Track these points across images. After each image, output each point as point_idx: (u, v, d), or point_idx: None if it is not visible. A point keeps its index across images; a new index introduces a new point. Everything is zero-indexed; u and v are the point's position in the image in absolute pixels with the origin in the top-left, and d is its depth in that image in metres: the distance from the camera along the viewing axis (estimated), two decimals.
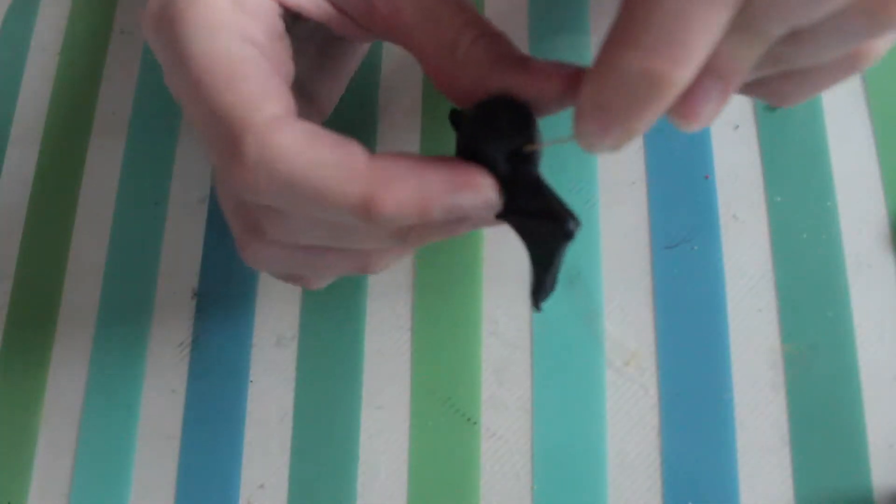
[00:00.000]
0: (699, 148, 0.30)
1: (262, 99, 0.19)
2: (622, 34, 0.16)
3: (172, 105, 0.33)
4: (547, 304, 0.28)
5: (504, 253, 0.29)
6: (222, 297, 0.30)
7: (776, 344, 0.27)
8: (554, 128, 0.22)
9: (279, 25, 0.21)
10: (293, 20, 0.22)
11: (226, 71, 0.19)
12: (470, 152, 0.19)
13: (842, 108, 0.30)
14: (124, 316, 0.31)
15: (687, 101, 0.17)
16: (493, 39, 0.20)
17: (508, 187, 0.19)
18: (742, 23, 0.16)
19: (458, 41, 0.20)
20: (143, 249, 0.31)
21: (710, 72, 0.17)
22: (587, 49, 0.31)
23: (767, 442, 0.26)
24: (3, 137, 0.34)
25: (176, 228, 0.32)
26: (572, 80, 0.19)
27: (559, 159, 0.30)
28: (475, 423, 0.28)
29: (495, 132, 0.19)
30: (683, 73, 0.15)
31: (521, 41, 0.32)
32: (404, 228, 0.20)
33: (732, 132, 0.30)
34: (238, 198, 0.21)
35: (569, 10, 0.32)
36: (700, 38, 0.15)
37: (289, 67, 0.22)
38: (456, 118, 0.22)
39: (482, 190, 0.18)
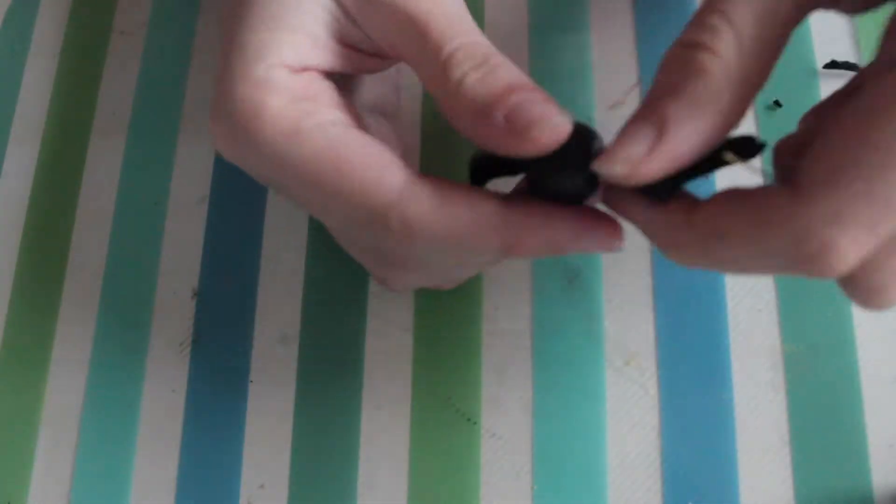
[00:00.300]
0: None
1: (379, 176, 0.19)
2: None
3: (172, 105, 0.33)
4: (547, 304, 0.29)
5: None
6: (222, 297, 0.30)
7: (776, 344, 0.27)
8: None
9: (332, 88, 0.22)
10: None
11: (331, 168, 0.19)
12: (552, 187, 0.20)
13: None
14: (124, 316, 0.31)
15: None
16: (480, 75, 0.19)
17: None
18: None
19: (447, 81, 0.20)
20: (143, 249, 0.31)
21: None
22: (587, 48, 0.31)
23: (767, 442, 0.26)
24: (3, 137, 0.34)
25: (176, 228, 0.32)
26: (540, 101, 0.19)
27: None
28: (475, 423, 0.28)
29: (569, 172, 0.19)
30: None
31: (522, 41, 0.32)
32: None
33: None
34: (379, 248, 0.22)
35: (569, 9, 0.32)
36: None
37: (357, 117, 0.22)
38: (476, 165, 0.22)
39: (605, 238, 0.20)
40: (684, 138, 0.18)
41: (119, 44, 0.35)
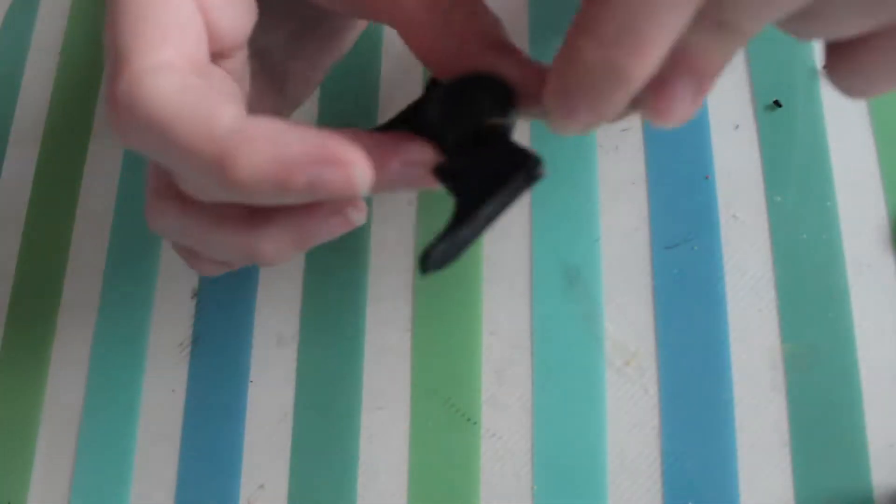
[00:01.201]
0: (699, 148, 0.30)
1: (159, 44, 0.17)
2: (583, 23, 0.15)
3: None
4: (547, 304, 0.29)
5: (504, 253, 0.29)
6: (222, 297, 0.30)
7: (776, 344, 0.27)
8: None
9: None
10: None
11: (137, 11, 0.18)
12: (427, 120, 0.19)
13: (842, 108, 0.30)
14: (124, 316, 0.31)
15: (659, 97, 0.16)
16: (491, 20, 0.20)
17: (456, 153, 0.19)
18: (710, 20, 0.15)
19: (453, 13, 0.19)
20: (143, 249, 0.31)
21: (683, 69, 0.16)
22: None
23: (767, 442, 0.26)
24: (3, 137, 0.34)
25: None
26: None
27: (560, 159, 0.30)
28: (475, 423, 0.28)
29: (469, 104, 0.19)
30: (642, 66, 0.15)
31: (522, 41, 0.32)
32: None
33: (732, 132, 0.30)
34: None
35: (569, 10, 0.32)
36: (658, 32, 0.14)
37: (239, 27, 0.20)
38: (431, 86, 0.22)
39: (349, 169, 0.16)
40: None
41: None
